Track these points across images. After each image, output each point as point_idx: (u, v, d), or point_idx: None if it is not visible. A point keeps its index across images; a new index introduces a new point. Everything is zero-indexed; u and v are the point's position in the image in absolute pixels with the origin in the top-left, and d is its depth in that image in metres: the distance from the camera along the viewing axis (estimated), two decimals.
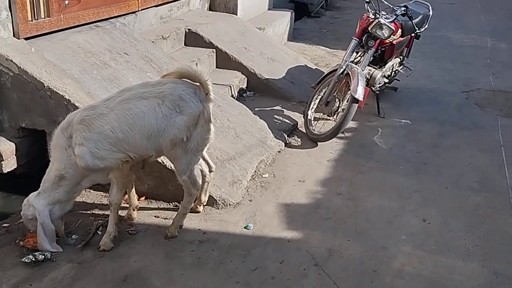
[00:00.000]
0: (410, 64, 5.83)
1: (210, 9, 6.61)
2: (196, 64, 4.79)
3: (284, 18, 7.59)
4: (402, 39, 5.16)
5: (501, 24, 9.82)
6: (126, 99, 2.79)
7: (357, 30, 4.84)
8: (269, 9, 7.79)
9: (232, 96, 4.91)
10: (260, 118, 4.55)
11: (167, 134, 2.81)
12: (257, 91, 5.36)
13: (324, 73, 5.04)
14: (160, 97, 2.79)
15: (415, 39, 5.62)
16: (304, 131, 4.68)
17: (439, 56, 7.42)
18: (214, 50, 5.35)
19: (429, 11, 5.56)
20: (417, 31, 5.27)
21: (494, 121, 5.12)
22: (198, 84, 2.94)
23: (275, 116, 4.85)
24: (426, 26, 5.47)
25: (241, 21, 6.36)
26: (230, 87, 4.96)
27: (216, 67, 5.39)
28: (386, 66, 5.18)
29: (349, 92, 4.47)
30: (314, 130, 4.61)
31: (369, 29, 4.65)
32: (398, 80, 5.64)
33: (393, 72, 5.45)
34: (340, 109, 4.65)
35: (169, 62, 4.37)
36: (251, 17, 7.02)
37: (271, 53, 5.95)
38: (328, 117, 4.78)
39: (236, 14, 6.51)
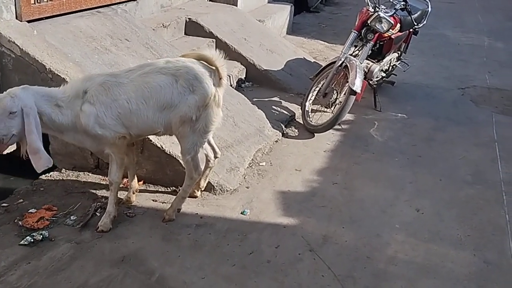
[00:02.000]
0: (407, 60, 5.88)
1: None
2: None
3: (284, 11, 7.62)
4: (400, 33, 5.20)
5: (498, 24, 9.90)
6: (146, 72, 2.87)
7: (356, 23, 4.88)
8: (268, 2, 7.83)
9: (231, 85, 4.95)
10: (258, 108, 4.59)
11: (178, 110, 2.88)
12: (255, 82, 5.40)
13: (322, 66, 5.09)
14: (177, 75, 2.88)
15: (413, 35, 5.68)
16: (302, 122, 4.73)
17: (436, 53, 7.48)
18: (214, 40, 5.38)
19: (428, 7, 5.61)
20: (416, 26, 5.33)
21: (489, 117, 5.18)
22: (213, 68, 3.02)
23: (273, 106, 4.89)
24: (425, 22, 5.51)
25: (241, 12, 6.39)
26: (229, 76, 4.99)
27: None
28: (384, 60, 5.22)
29: (347, 84, 4.52)
30: (311, 121, 4.65)
31: (369, 22, 4.69)
32: (396, 75, 5.70)
33: (390, 67, 5.50)
34: (337, 101, 4.70)
35: (170, 50, 4.40)
36: (251, 9, 7.05)
37: (270, 45, 5.98)
38: (325, 109, 4.82)
39: (236, 6, 6.54)
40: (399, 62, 5.67)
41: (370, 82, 5.11)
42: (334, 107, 4.70)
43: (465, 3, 11.96)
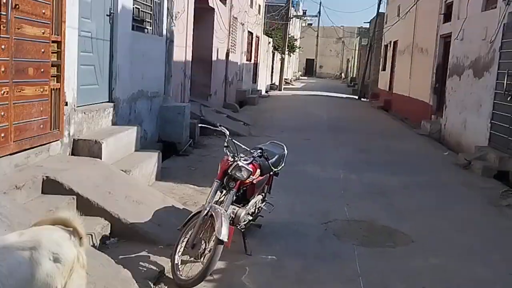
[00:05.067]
0: (272, 199, 6.15)
1: (73, 153, 6.49)
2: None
3: (152, 159, 7.71)
4: (261, 178, 5.50)
5: (350, 157, 11.02)
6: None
7: (218, 172, 5.07)
8: (136, 151, 7.88)
9: (93, 245, 4.67)
10: (124, 268, 4.32)
11: (40, 283, 2.62)
12: (122, 237, 5.17)
13: (191, 212, 5.09)
14: (34, 246, 2.66)
15: (274, 176, 6.03)
16: (172, 276, 4.54)
17: (299, 190, 7.96)
18: (74, 197, 5.16)
19: (284, 150, 6.07)
20: (275, 170, 5.69)
21: (351, 250, 5.47)
22: (71, 229, 2.88)
23: (141, 262, 4.67)
24: (283, 165, 5.93)
25: (105, 164, 6.32)
26: (92, 235, 4.72)
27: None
28: (249, 204, 5.40)
29: (214, 233, 4.53)
30: (181, 275, 4.49)
31: (229, 171, 4.91)
32: (262, 216, 5.88)
33: (256, 209, 5.69)
34: (206, 251, 4.64)
35: (22, 215, 4.10)
36: (117, 160, 7.01)
37: (137, 195, 5.90)
38: (195, 260, 4.71)
39: (101, 158, 6.46)
40: (264, 203, 5.91)
41: (238, 226, 5.20)
42: (204, 258, 4.61)
43: (320, 139, 13.28)
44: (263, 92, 30.26)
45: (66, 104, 6.15)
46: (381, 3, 32.08)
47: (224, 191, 5.20)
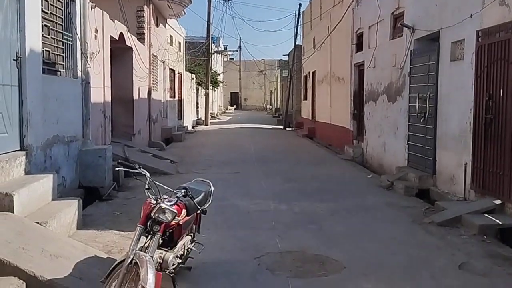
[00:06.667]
0: (203, 237, 5.95)
1: None
2: None
3: (71, 207, 7.24)
4: (188, 218, 5.30)
5: (279, 187, 11.06)
6: None
7: (141, 216, 4.83)
8: (53, 200, 7.39)
9: None
10: None
11: None
12: None
13: (117, 260, 4.78)
14: None
15: (202, 215, 5.85)
16: None
17: (230, 224, 7.82)
18: None
19: (211, 187, 5.92)
20: (201, 208, 5.51)
21: (285, 284, 5.37)
22: None
23: None
24: (210, 202, 5.77)
25: (18, 218, 5.84)
26: None
27: None
28: (177, 246, 5.17)
29: (140, 282, 4.25)
30: None
31: (152, 214, 4.68)
32: (192, 258, 5.65)
33: (185, 251, 5.46)
34: None
35: None
36: (31, 212, 6.52)
37: (54, 249, 5.48)
38: None
39: (13, 212, 5.97)
40: (193, 244, 5.69)
41: (167, 271, 4.94)
42: None
43: (248, 172, 13.26)
44: (190, 128, 30.07)
45: None
46: (298, 36, 33.40)
47: (149, 236, 4.95)
